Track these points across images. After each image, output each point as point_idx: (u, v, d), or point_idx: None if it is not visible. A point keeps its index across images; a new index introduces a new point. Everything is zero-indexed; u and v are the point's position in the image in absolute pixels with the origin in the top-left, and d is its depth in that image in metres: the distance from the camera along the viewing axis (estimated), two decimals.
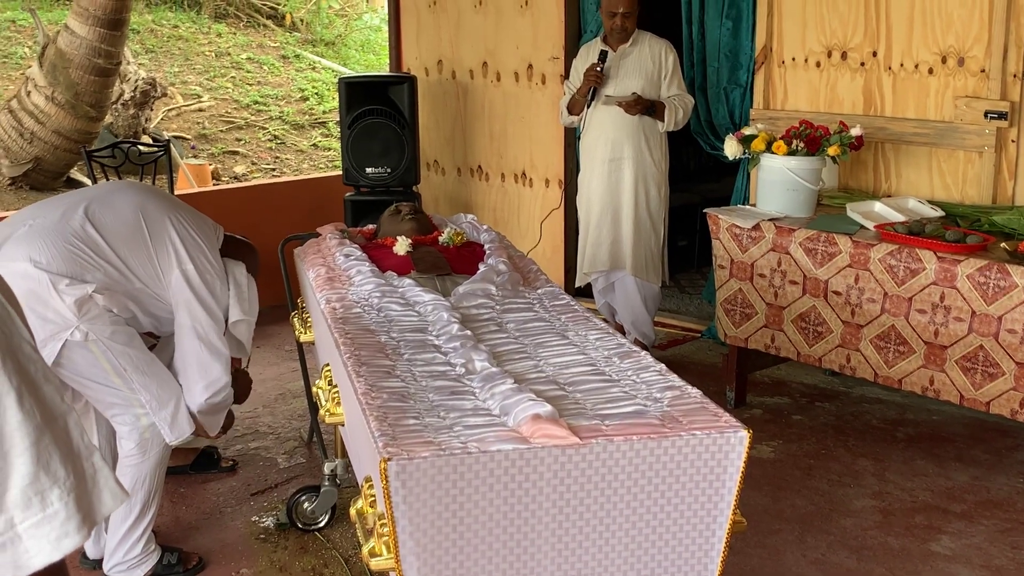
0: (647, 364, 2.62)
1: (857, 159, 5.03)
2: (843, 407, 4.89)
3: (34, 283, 3.10)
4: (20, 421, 0.86)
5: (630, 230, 5.27)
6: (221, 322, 3.46)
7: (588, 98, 5.19)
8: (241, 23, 11.43)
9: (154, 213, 3.36)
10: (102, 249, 3.22)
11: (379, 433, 2.19)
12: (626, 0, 5.13)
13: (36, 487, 0.86)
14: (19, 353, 0.88)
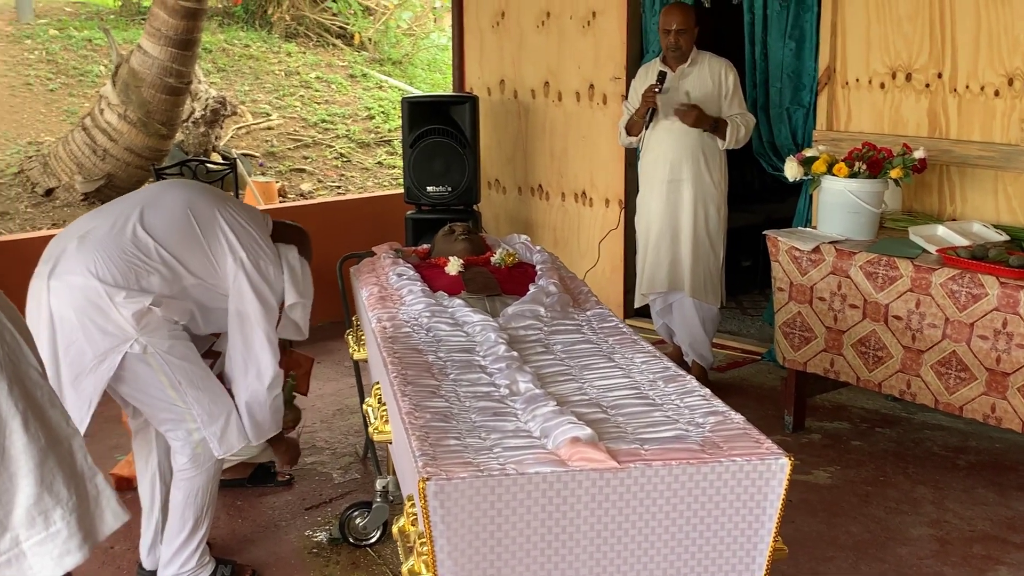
0: (691, 388, 2.60)
1: (921, 182, 4.95)
2: (904, 433, 4.81)
3: (93, 295, 3.16)
4: (25, 444, 0.89)
5: (689, 251, 5.24)
6: (275, 311, 3.47)
7: (646, 119, 5.17)
8: (311, 42, 11.60)
9: (203, 207, 3.39)
10: (156, 252, 3.25)
11: (419, 452, 2.21)
12: (680, 17, 5.09)
13: (40, 507, 0.89)
14: (26, 379, 0.92)
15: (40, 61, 10.01)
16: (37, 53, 10.19)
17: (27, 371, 0.93)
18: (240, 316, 3.41)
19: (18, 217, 7.91)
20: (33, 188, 8.20)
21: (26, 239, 5.79)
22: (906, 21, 4.95)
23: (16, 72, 9.77)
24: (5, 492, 0.89)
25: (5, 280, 5.38)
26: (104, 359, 3.18)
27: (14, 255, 5.55)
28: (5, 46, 10.24)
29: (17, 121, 9.11)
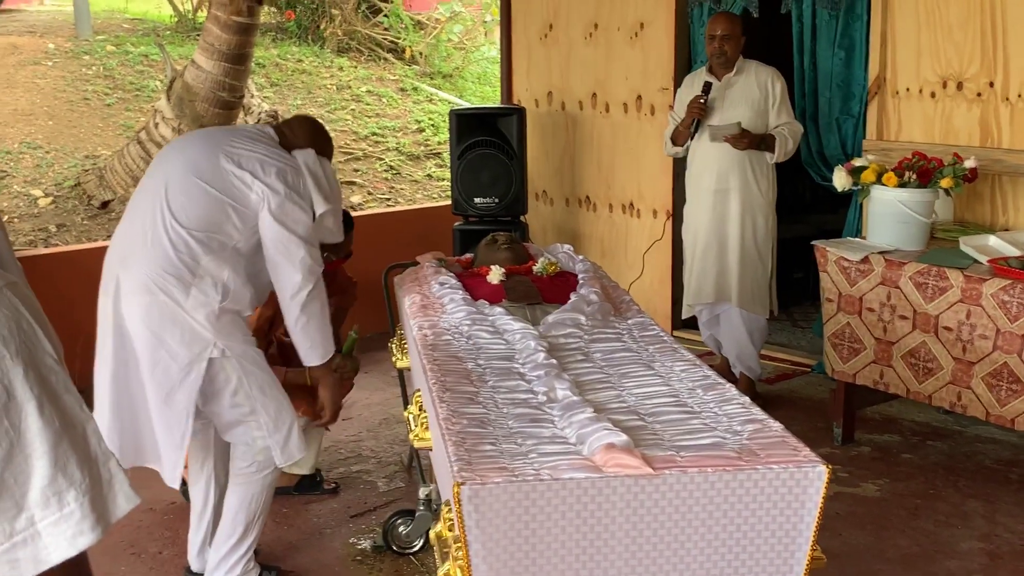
0: (730, 397, 2.59)
1: (973, 191, 4.88)
2: (955, 446, 4.73)
3: (165, 310, 3.21)
4: (40, 427, 0.93)
5: (736, 261, 5.20)
6: (307, 212, 3.35)
7: (692, 129, 5.15)
8: (362, 57, 11.71)
9: (205, 165, 3.31)
10: (194, 239, 3.25)
11: (455, 458, 2.22)
12: (725, 23, 5.06)
13: (54, 488, 0.93)
14: (41, 365, 0.95)
15: (98, 76, 10.20)
16: (95, 68, 10.39)
17: (42, 357, 0.97)
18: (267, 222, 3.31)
19: (75, 229, 8.05)
20: (89, 201, 8.35)
21: (83, 250, 5.91)
22: (957, 29, 4.89)
23: (74, 87, 9.97)
24: (21, 473, 0.92)
25: (64, 289, 5.51)
26: (190, 370, 3.23)
27: (72, 266, 5.66)
28: (64, 62, 10.45)
29: (75, 135, 9.29)
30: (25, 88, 9.79)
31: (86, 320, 5.43)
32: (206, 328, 3.21)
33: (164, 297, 3.20)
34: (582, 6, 6.55)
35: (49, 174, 8.73)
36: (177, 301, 3.20)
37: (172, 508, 4.21)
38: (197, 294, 3.23)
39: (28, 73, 10.09)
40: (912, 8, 5.02)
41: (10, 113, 9.36)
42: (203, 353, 3.22)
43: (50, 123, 9.39)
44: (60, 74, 10.19)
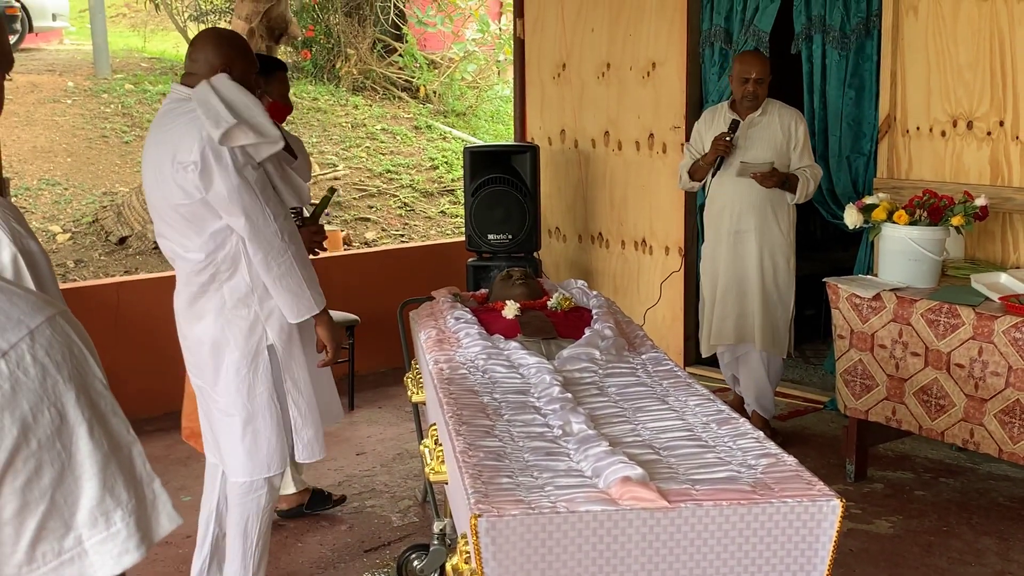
0: (744, 431, 2.61)
1: (984, 229, 4.91)
2: (968, 484, 4.73)
3: (236, 320, 3.33)
4: (91, 450, 0.98)
5: (757, 303, 5.15)
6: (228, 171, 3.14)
7: (713, 166, 5.13)
8: (377, 95, 11.84)
9: (159, 180, 3.25)
10: (198, 249, 3.29)
11: (472, 490, 2.25)
12: (759, 66, 5.02)
13: (102, 508, 0.98)
14: (91, 390, 1.01)
15: (116, 114, 10.33)
16: (113, 107, 10.53)
17: (92, 382, 1.02)
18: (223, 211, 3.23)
19: (92, 264, 8.13)
20: (107, 237, 8.44)
21: (99, 285, 5.98)
22: (967, 69, 4.94)
23: (93, 125, 10.10)
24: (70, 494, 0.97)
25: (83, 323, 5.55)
26: (255, 362, 3.38)
27: (90, 301, 5.73)
28: (83, 100, 10.59)
29: (93, 172, 9.40)
30: (44, 126, 9.92)
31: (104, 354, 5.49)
32: (251, 316, 3.36)
33: (219, 318, 3.37)
34: (594, 46, 6.64)
35: (67, 210, 8.82)
36: (230, 306, 3.35)
37: (186, 541, 4.24)
38: (233, 302, 3.35)
39: (47, 111, 10.22)
40: (922, 49, 5.08)
41: (30, 150, 9.48)
42: (261, 343, 3.37)
43: (69, 160, 9.50)
44: (79, 112, 10.32)
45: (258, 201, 3.17)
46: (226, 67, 3.25)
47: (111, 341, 5.46)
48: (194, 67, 3.29)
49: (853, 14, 5.41)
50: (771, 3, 5.70)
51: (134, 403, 3.58)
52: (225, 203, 3.16)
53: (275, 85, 4.23)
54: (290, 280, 3.26)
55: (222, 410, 3.41)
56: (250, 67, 3.35)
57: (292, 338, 3.42)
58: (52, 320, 1.02)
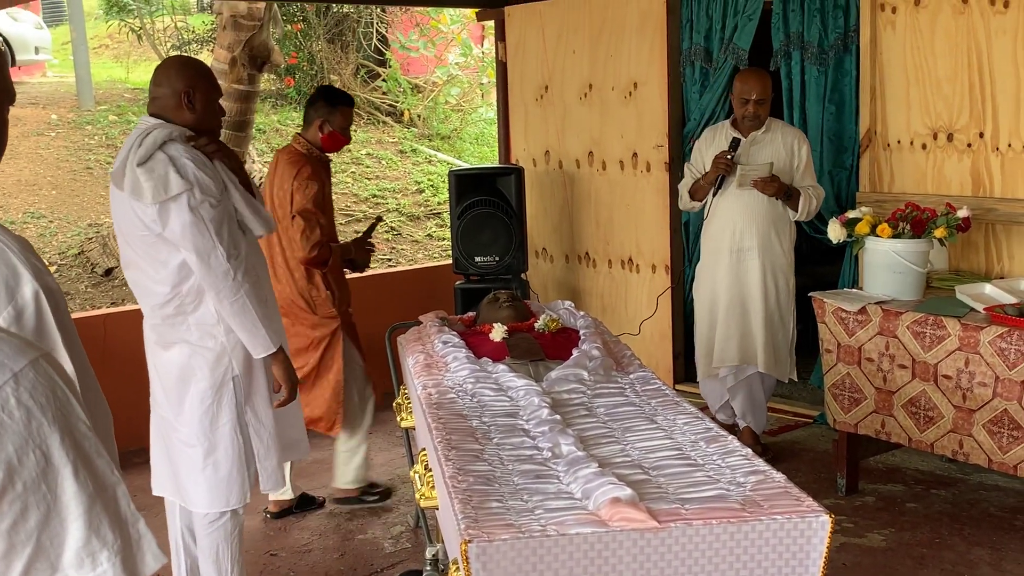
0: (733, 449, 2.62)
1: (967, 241, 4.95)
2: (959, 495, 4.75)
3: (202, 351, 3.35)
4: (76, 491, 0.99)
5: (760, 323, 5.10)
6: (180, 208, 3.18)
7: (715, 185, 5.08)
8: (361, 120, 11.86)
9: (123, 211, 3.29)
10: (165, 281, 3.32)
11: (462, 515, 2.25)
12: (760, 87, 4.97)
13: (88, 549, 0.99)
14: (75, 431, 1.02)
15: (100, 146, 10.34)
16: (97, 138, 10.53)
17: (76, 424, 1.02)
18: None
19: (78, 296, 8.12)
20: (93, 268, 8.43)
21: (86, 318, 5.96)
22: (945, 83, 4.98)
23: (77, 157, 10.10)
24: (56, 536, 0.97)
25: None
26: (220, 397, 3.39)
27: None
28: (67, 132, 10.60)
29: (78, 204, 9.39)
30: (28, 159, 9.91)
31: None
32: (214, 338, 3.38)
33: (184, 348, 3.41)
34: (576, 67, 6.68)
35: (53, 243, 8.81)
36: (198, 346, 3.39)
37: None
38: (199, 331, 3.38)
39: (32, 144, 10.22)
40: (900, 63, 5.12)
41: (14, 184, 9.47)
42: (226, 375, 3.39)
43: (53, 192, 9.50)
44: (63, 144, 10.32)
45: (211, 240, 3.19)
46: (189, 90, 3.31)
47: (98, 373, 5.36)
48: (158, 92, 3.36)
49: (831, 30, 5.45)
50: (749, 21, 5.75)
51: (122, 435, 3.53)
52: (178, 239, 3.20)
53: (337, 117, 4.66)
54: (244, 318, 3.29)
55: (183, 440, 3.41)
56: (213, 91, 3.40)
57: (256, 368, 3.43)
58: (35, 363, 1.03)
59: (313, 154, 4.69)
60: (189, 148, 3.24)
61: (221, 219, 3.22)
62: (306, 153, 4.67)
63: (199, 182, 3.18)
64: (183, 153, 3.21)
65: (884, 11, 5.17)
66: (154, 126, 3.27)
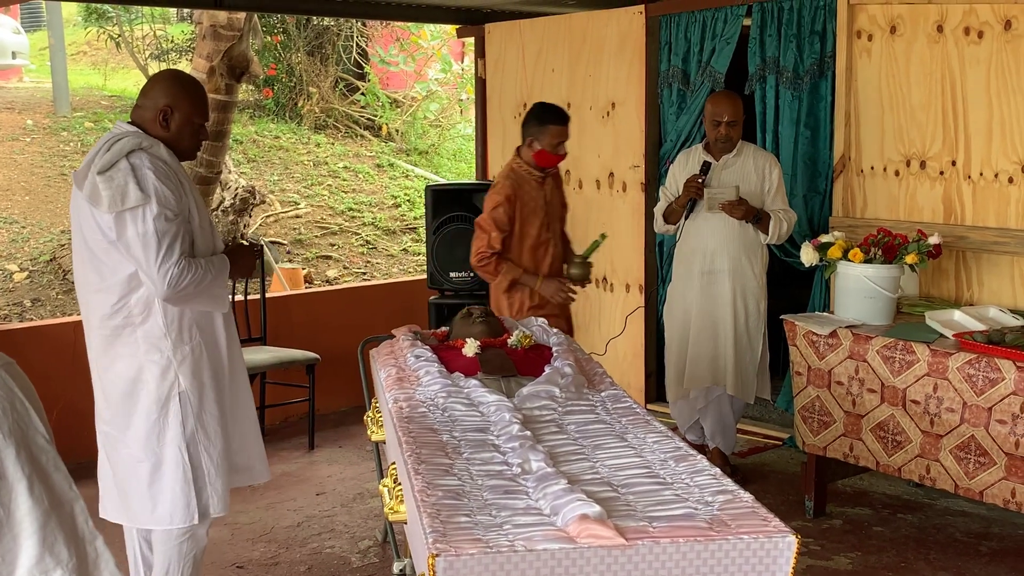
0: (702, 468, 2.63)
1: (938, 267, 4.99)
2: (926, 519, 4.77)
3: (149, 365, 3.30)
4: (30, 507, 0.96)
5: (730, 345, 5.12)
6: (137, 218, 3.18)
7: (687, 209, 5.10)
8: (339, 134, 11.86)
9: (81, 214, 3.29)
10: (113, 290, 3.30)
11: (430, 529, 2.25)
12: (732, 109, 5.01)
13: (41, 567, 0.96)
14: (33, 445, 0.99)
15: (75, 152, 10.28)
16: (72, 144, 10.47)
17: (34, 437, 1.00)
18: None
19: (49, 303, 8.06)
20: (65, 275, 8.37)
21: (57, 324, 5.91)
22: (919, 111, 5.04)
23: (51, 163, 10.04)
24: (8, 552, 0.95)
25: (37, 363, 5.51)
26: (167, 408, 3.33)
27: (47, 340, 5.68)
28: (42, 138, 10.54)
29: (51, 211, 9.33)
30: (2, 164, 9.85)
31: (61, 393, 5.45)
32: (159, 348, 3.33)
33: (131, 363, 3.36)
34: (555, 86, 6.70)
35: (25, 249, 8.75)
36: (145, 362, 3.34)
37: None
38: (145, 345, 3.34)
39: (6, 149, 10.15)
40: (875, 90, 5.18)
41: None
42: (172, 389, 3.33)
43: (27, 198, 9.43)
44: (38, 150, 10.26)
45: (160, 253, 3.16)
46: (169, 108, 3.32)
47: (69, 380, 5.40)
48: (142, 102, 3.38)
49: (806, 56, 5.50)
50: (727, 45, 5.79)
51: (93, 442, 3.53)
52: (129, 250, 3.19)
53: (546, 136, 4.74)
54: (202, 298, 3.32)
55: (132, 456, 3.35)
56: (195, 113, 3.37)
57: (204, 385, 3.38)
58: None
59: (522, 170, 4.82)
60: (155, 158, 3.23)
61: (177, 232, 3.20)
62: (515, 168, 4.84)
63: (158, 194, 3.17)
64: (146, 163, 3.19)
65: (860, 38, 5.23)
66: (125, 133, 3.27)
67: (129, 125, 3.33)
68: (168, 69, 3.68)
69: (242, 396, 3.58)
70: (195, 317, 3.35)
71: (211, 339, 3.41)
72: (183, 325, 3.33)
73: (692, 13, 5.95)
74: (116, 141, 3.23)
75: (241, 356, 3.60)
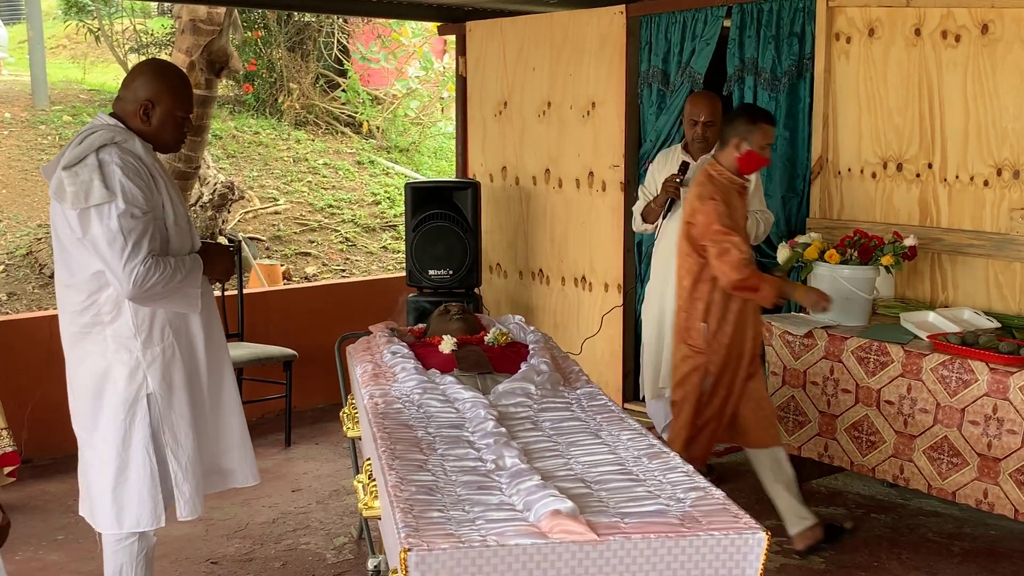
0: (675, 465, 2.64)
1: (914, 269, 5.03)
2: (899, 519, 4.80)
3: (117, 365, 3.25)
4: None
5: None
6: (103, 215, 3.13)
7: (664, 208, 5.12)
8: (320, 130, 11.84)
9: (55, 208, 3.24)
10: (82, 288, 3.26)
11: (403, 524, 2.25)
12: (708, 109, 5.05)
13: None
14: None
15: (53, 146, 10.22)
16: (50, 138, 10.41)
17: None
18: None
19: (25, 297, 8.01)
20: (41, 269, 8.33)
21: (33, 318, 5.88)
22: (896, 113, 5.07)
23: (29, 156, 9.98)
24: None
25: (14, 356, 5.47)
26: (134, 411, 3.27)
27: (22, 334, 5.64)
28: (20, 131, 10.47)
29: (28, 204, 9.28)
30: None
31: (36, 387, 5.43)
32: (128, 352, 3.27)
33: (100, 363, 3.31)
34: (535, 85, 6.71)
35: (1, 243, 8.69)
36: (112, 353, 3.28)
37: None
38: (116, 344, 3.28)
39: None
40: (853, 92, 5.21)
41: None
42: (140, 391, 3.27)
43: (3, 192, 9.38)
44: (15, 143, 10.20)
45: (126, 250, 3.10)
46: (150, 102, 3.26)
47: (44, 374, 5.37)
48: (123, 94, 3.31)
49: (784, 57, 5.52)
50: (707, 45, 5.81)
51: (69, 436, 3.50)
52: (94, 247, 3.14)
53: (757, 135, 4.20)
54: (172, 299, 3.25)
55: (99, 458, 3.29)
56: (177, 107, 3.31)
57: (174, 387, 3.31)
58: None
59: (723, 178, 4.26)
60: (124, 153, 3.17)
61: (145, 230, 3.14)
62: (714, 176, 4.26)
63: (124, 191, 3.11)
64: (116, 159, 3.13)
65: (839, 41, 5.25)
66: (101, 127, 3.22)
67: (109, 117, 3.28)
68: (150, 59, 3.57)
69: (225, 398, 3.52)
70: (168, 317, 3.29)
71: (185, 340, 3.34)
72: (154, 325, 3.26)
73: (672, 14, 5.97)
74: (89, 134, 3.18)
75: (227, 357, 3.54)
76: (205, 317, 3.41)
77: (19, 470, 4.77)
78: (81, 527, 4.23)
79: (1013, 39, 4.64)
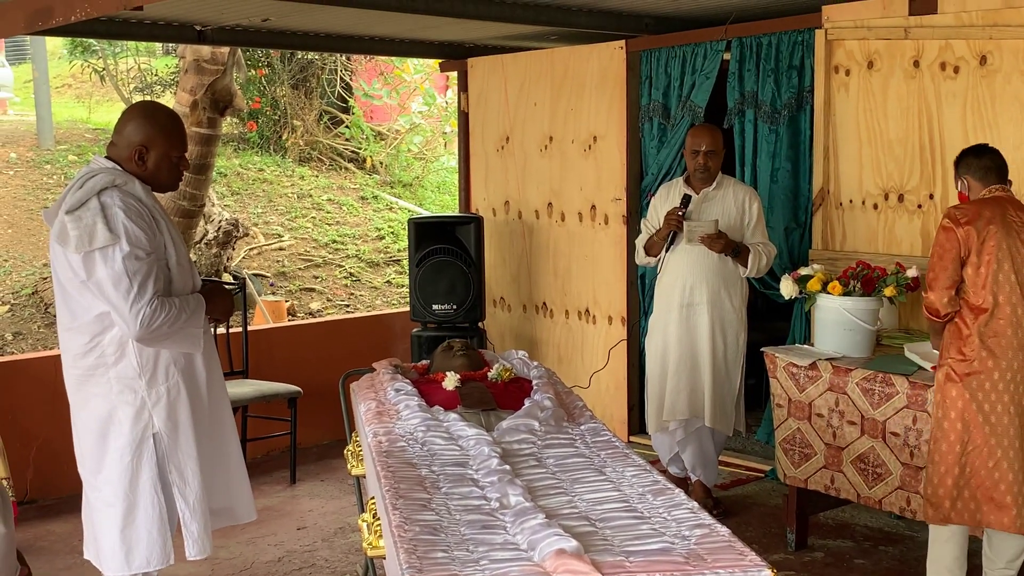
0: (679, 502, 2.64)
1: (917, 299, 5.02)
2: (907, 551, 4.78)
3: (122, 406, 3.26)
4: None
5: (708, 377, 5.12)
6: (108, 260, 3.15)
7: (667, 241, 5.11)
8: (323, 166, 11.90)
9: (55, 250, 3.25)
10: (85, 330, 3.26)
11: (407, 565, 2.25)
12: (710, 139, 5.05)
13: None
14: None
15: (58, 185, 10.28)
16: (56, 178, 10.47)
17: None
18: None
19: (31, 337, 8.03)
20: (47, 308, 8.35)
21: (39, 358, 5.89)
22: (897, 145, 5.09)
23: (34, 196, 10.03)
24: None
25: (20, 397, 5.48)
26: (141, 448, 3.27)
27: (28, 373, 5.65)
28: (26, 171, 10.53)
29: (34, 244, 9.32)
30: None
31: (42, 427, 5.43)
32: (134, 391, 3.28)
33: (103, 404, 3.30)
34: (537, 119, 6.75)
35: (7, 282, 8.72)
36: (117, 391, 3.28)
37: None
38: (120, 384, 3.28)
39: None
40: (853, 125, 5.23)
41: None
42: (147, 430, 3.27)
43: (9, 231, 9.42)
44: (21, 183, 10.26)
45: (131, 292, 3.12)
46: (143, 147, 3.27)
47: (49, 414, 5.38)
48: (117, 139, 3.32)
49: (784, 90, 5.56)
50: (707, 79, 5.85)
51: (75, 475, 3.48)
52: (99, 290, 3.15)
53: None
54: (176, 338, 3.26)
55: (104, 500, 3.28)
56: (171, 149, 3.32)
57: (179, 426, 3.31)
58: None
59: None
60: (126, 195, 3.18)
61: (149, 271, 3.16)
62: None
63: (128, 233, 3.13)
64: (117, 202, 3.15)
65: (838, 73, 5.28)
66: (100, 170, 3.24)
67: (106, 160, 3.30)
68: (140, 103, 3.59)
69: (226, 435, 3.52)
70: (173, 356, 3.30)
71: (190, 378, 3.35)
72: (159, 365, 3.27)
73: (672, 48, 6.01)
74: (89, 178, 3.20)
75: (225, 394, 3.55)
76: (206, 355, 3.42)
77: (25, 510, 4.77)
78: (87, 568, 4.22)
79: (1012, 70, 4.67)
